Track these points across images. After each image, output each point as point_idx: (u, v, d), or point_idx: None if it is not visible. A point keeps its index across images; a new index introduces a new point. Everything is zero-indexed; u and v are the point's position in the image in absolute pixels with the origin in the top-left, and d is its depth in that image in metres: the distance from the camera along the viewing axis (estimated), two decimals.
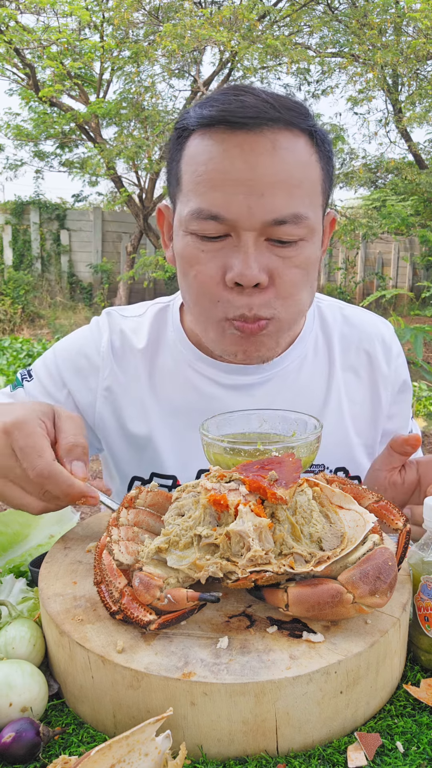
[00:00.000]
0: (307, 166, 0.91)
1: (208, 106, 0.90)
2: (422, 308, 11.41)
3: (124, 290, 10.90)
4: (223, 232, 0.90)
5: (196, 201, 0.90)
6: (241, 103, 0.87)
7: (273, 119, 0.87)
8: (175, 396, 1.12)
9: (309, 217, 0.91)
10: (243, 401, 1.10)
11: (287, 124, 0.88)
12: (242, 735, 0.62)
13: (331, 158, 0.99)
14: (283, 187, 0.88)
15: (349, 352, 1.16)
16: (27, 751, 0.63)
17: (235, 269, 0.89)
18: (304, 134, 0.91)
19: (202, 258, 0.92)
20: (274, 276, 0.92)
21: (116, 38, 9.34)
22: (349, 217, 10.03)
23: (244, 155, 0.86)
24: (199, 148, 0.90)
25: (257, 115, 0.86)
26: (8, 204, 11.24)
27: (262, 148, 0.87)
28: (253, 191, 0.87)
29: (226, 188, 0.87)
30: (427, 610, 0.74)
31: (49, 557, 0.85)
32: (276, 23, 9.11)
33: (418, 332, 4.54)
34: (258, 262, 0.89)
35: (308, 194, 0.91)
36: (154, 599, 0.67)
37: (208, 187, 0.88)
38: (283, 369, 1.12)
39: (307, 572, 0.69)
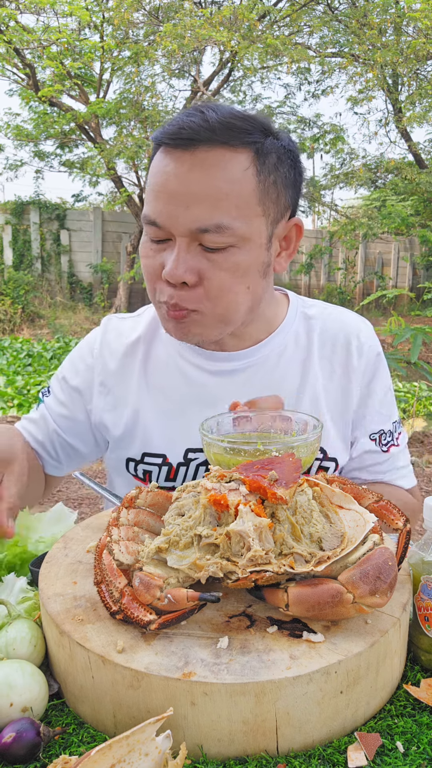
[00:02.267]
0: (237, 181, 1.00)
1: (167, 125, 1.03)
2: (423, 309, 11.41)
3: (124, 290, 10.90)
4: (163, 236, 1.03)
5: (145, 208, 1.05)
6: (181, 125, 1.00)
7: (206, 140, 0.99)
8: (165, 382, 1.23)
9: (234, 227, 1.00)
10: (226, 386, 1.20)
11: (222, 143, 0.99)
12: (242, 735, 0.62)
13: (294, 166, 1.08)
14: (207, 200, 0.99)
15: (326, 346, 1.24)
16: (27, 751, 0.63)
17: (166, 268, 1.02)
18: (245, 150, 1.01)
19: (150, 254, 1.07)
20: (202, 277, 1.03)
21: (116, 38, 9.34)
22: (350, 217, 10.03)
23: (177, 171, 1.00)
24: (155, 163, 1.05)
25: (190, 137, 0.99)
26: (8, 204, 11.24)
27: (192, 166, 0.99)
28: (180, 203, 0.99)
29: (162, 199, 1.01)
30: (427, 610, 0.74)
31: (49, 557, 0.85)
32: (276, 23, 9.11)
33: (418, 332, 4.53)
34: (185, 264, 1.01)
35: (236, 206, 1.00)
36: (155, 599, 0.67)
37: (152, 196, 1.03)
38: (264, 356, 1.21)
39: (307, 572, 0.69)
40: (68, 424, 1.29)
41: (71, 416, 1.28)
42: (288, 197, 1.08)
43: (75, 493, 4.02)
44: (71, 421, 1.29)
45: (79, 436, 1.30)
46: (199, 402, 1.19)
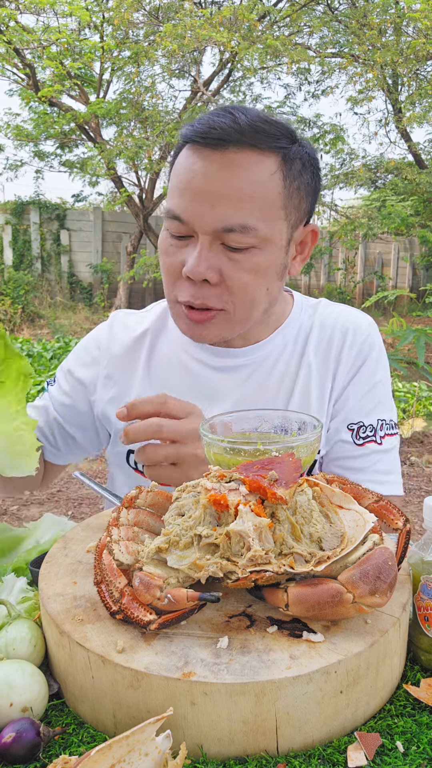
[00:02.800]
0: (264, 183, 1.02)
1: (196, 123, 1.04)
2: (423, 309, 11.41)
3: (124, 290, 10.90)
4: (185, 232, 1.04)
5: (169, 203, 1.06)
6: (212, 125, 1.01)
7: (236, 141, 1.00)
8: (168, 377, 1.24)
9: (258, 228, 1.02)
10: (228, 382, 1.21)
11: (251, 146, 1.01)
12: (242, 735, 0.62)
13: (302, 175, 1.08)
14: (233, 200, 1.00)
15: (323, 339, 1.24)
16: (27, 751, 0.63)
17: (188, 265, 1.03)
18: (273, 155, 1.03)
19: (170, 251, 1.07)
20: (224, 275, 1.04)
21: (116, 38, 9.34)
22: (349, 217, 10.03)
23: (205, 170, 1.01)
24: (181, 160, 1.06)
25: (220, 137, 1.00)
26: (8, 204, 11.24)
27: (220, 165, 1.00)
28: (206, 202, 1.00)
29: (187, 196, 1.02)
30: (427, 610, 0.74)
31: (49, 557, 0.85)
32: (276, 23, 9.11)
33: (420, 334, 4.53)
34: (207, 261, 1.02)
35: (260, 208, 1.02)
36: (154, 599, 0.67)
37: (177, 193, 1.04)
38: (267, 353, 1.22)
39: (307, 572, 0.69)
40: (70, 413, 1.30)
41: (73, 406, 1.30)
42: (308, 204, 1.11)
43: (75, 493, 4.02)
44: (73, 411, 1.30)
45: (80, 427, 1.31)
46: (201, 397, 1.20)
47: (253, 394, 1.20)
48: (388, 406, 1.25)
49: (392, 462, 1.24)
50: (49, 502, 3.86)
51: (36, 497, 3.93)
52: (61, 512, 3.67)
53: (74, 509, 3.76)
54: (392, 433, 1.25)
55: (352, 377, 1.22)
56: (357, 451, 1.22)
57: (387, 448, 1.23)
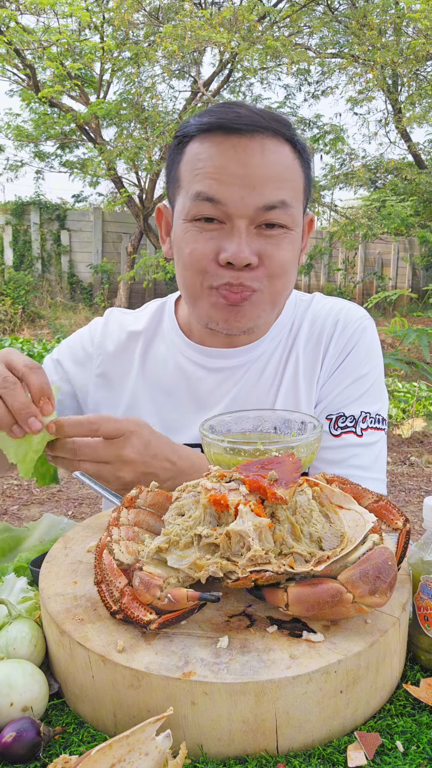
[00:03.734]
0: (290, 168, 1.07)
1: (207, 116, 1.05)
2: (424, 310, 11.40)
3: (125, 290, 10.90)
4: (217, 215, 1.03)
5: (196, 187, 1.04)
6: (237, 114, 1.03)
7: (263, 127, 1.03)
8: (164, 378, 1.24)
9: (293, 206, 1.06)
10: (222, 382, 1.21)
11: (274, 133, 1.04)
12: (242, 734, 0.62)
13: (309, 166, 1.14)
14: (272, 181, 1.03)
15: (314, 329, 1.23)
16: (28, 750, 0.63)
17: (229, 251, 1.02)
18: (288, 143, 1.07)
19: (200, 239, 1.05)
20: (263, 257, 1.05)
21: (116, 39, 9.35)
22: (349, 218, 10.03)
23: (238, 155, 1.02)
24: (198, 150, 1.05)
25: (251, 122, 1.02)
26: (9, 204, 11.24)
27: (253, 150, 1.02)
28: (245, 184, 1.01)
29: (223, 179, 1.02)
30: (426, 610, 0.75)
31: (49, 557, 0.85)
32: (276, 24, 9.11)
33: (422, 334, 4.54)
34: (249, 246, 1.03)
35: (292, 189, 1.07)
36: (155, 599, 0.67)
37: (207, 176, 1.03)
38: (259, 353, 1.22)
39: (307, 572, 0.69)
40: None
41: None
42: (309, 192, 1.15)
43: (75, 493, 4.02)
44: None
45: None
46: (195, 398, 1.21)
47: (246, 394, 1.20)
48: (376, 399, 1.20)
49: (373, 457, 1.18)
50: (49, 502, 3.86)
51: (36, 497, 3.93)
52: (61, 512, 3.68)
53: (74, 509, 3.76)
54: (377, 427, 1.19)
55: (338, 366, 1.19)
56: (333, 442, 1.16)
57: (368, 442, 1.17)
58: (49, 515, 1.13)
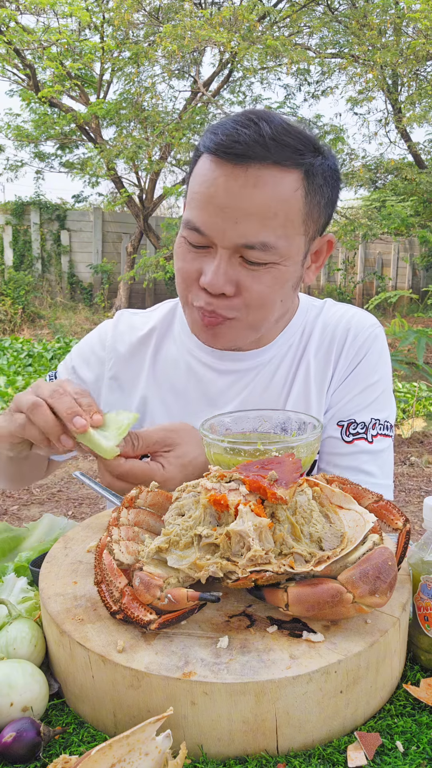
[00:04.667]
0: (287, 200, 1.01)
1: (216, 132, 1.02)
2: (425, 311, 11.40)
3: (125, 290, 10.90)
4: (205, 243, 1.04)
5: (188, 213, 1.05)
6: (238, 138, 0.98)
7: (260, 157, 0.98)
8: (175, 379, 1.24)
9: (278, 246, 1.02)
10: (232, 385, 1.21)
11: (275, 162, 0.99)
12: (242, 734, 0.62)
13: (334, 187, 1.09)
14: (257, 217, 0.99)
15: (325, 338, 1.23)
16: (28, 750, 0.63)
17: (206, 277, 1.03)
18: (297, 170, 1.02)
19: (188, 257, 1.07)
20: (241, 288, 1.04)
21: (116, 39, 9.35)
22: (349, 218, 10.03)
23: (228, 185, 0.99)
24: (201, 170, 1.04)
25: (244, 153, 0.98)
26: (9, 204, 11.24)
27: (244, 182, 0.99)
28: (229, 217, 0.99)
29: (209, 210, 1.01)
30: (426, 610, 0.75)
31: (49, 557, 0.85)
32: (276, 24, 9.12)
33: (422, 335, 4.53)
34: (226, 275, 1.02)
35: (282, 225, 1.01)
36: (155, 599, 0.67)
37: (197, 204, 1.03)
38: (270, 357, 1.22)
39: (307, 572, 0.69)
40: None
41: None
42: (326, 216, 1.10)
43: (75, 493, 4.02)
44: None
45: None
46: (206, 400, 1.20)
47: (257, 397, 1.20)
48: (386, 406, 1.23)
49: (382, 464, 1.22)
50: (49, 502, 3.86)
51: (36, 497, 3.93)
52: (61, 512, 3.68)
53: (74, 509, 3.76)
54: (386, 434, 1.22)
55: (350, 373, 1.21)
56: (345, 449, 1.19)
57: (378, 449, 1.20)
58: (49, 515, 1.13)
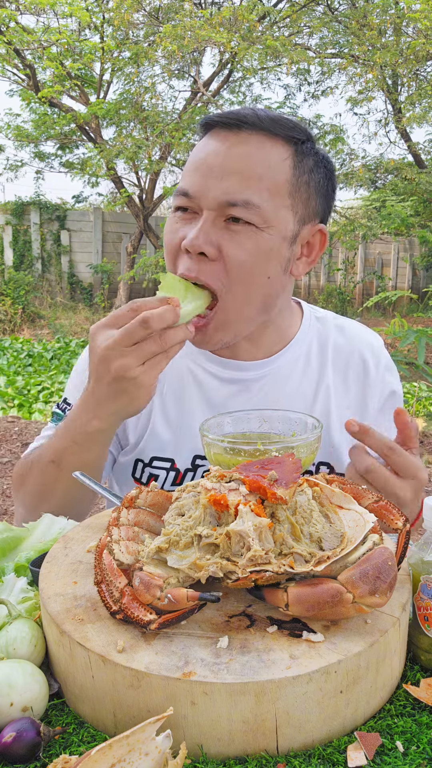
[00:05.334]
0: (273, 167, 1.04)
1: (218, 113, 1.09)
2: (425, 311, 11.40)
3: (125, 290, 10.91)
4: (191, 206, 1.05)
5: (180, 182, 1.09)
6: (233, 112, 1.06)
7: (252, 124, 1.04)
8: (176, 387, 1.22)
9: (261, 207, 1.02)
10: (237, 395, 1.19)
11: (266, 130, 1.04)
12: (242, 734, 0.62)
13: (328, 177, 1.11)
14: (241, 176, 1.02)
15: (339, 360, 1.24)
16: (28, 750, 0.63)
17: (187, 237, 1.03)
18: (286, 144, 1.06)
19: (174, 228, 1.08)
20: (222, 252, 1.03)
21: (116, 39, 9.35)
22: (349, 218, 10.03)
23: (218, 146, 1.04)
24: (199, 144, 1.10)
25: (238, 118, 1.04)
26: (9, 204, 11.24)
27: (233, 144, 1.04)
28: (214, 174, 1.02)
29: (199, 171, 1.04)
30: (426, 610, 0.75)
31: (49, 557, 0.85)
32: (276, 24, 9.12)
33: (421, 335, 4.53)
34: (206, 235, 1.02)
35: (267, 189, 1.03)
36: (155, 599, 0.67)
37: (188, 170, 1.07)
38: (277, 368, 1.21)
39: (307, 572, 0.69)
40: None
41: None
42: (318, 204, 1.11)
43: None
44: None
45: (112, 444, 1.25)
46: (209, 409, 1.18)
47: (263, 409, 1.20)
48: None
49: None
50: None
51: None
52: None
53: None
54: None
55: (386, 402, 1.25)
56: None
57: None
58: (49, 515, 1.13)
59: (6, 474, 4.12)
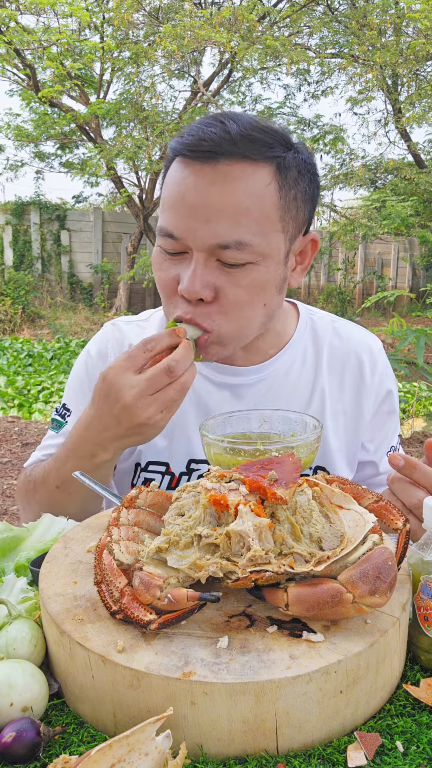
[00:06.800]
0: (259, 195, 0.97)
1: (185, 134, 1.00)
2: (423, 310, 11.41)
3: (125, 290, 10.91)
4: (180, 249, 1.00)
5: (161, 220, 1.02)
6: (204, 136, 0.96)
7: (228, 153, 0.96)
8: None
9: (254, 244, 0.98)
10: (232, 400, 1.18)
11: (244, 156, 0.96)
12: (242, 734, 0.62)
13: (312, 181, 1.05)
14: (228, 215, 0.96)
15: (335, 362, 1.23)
16: (28, 750, 0.63)
17: (183, 283, 0.99)
18: (267, 165, 0.98)
19: (164, 266, 1.04)
20: (219, 293, 1.00)
21: (116, 39, 9.35)
22: (349, 218, 10.03)
23: (197, 184, 0.96)
24: (171, 173, 1.02)
25: (211, 149, 0.96)
26: (9, 204, 11.25)
27: (213, 179, 0.96)
28: (200, 217, 0.96)
29: (180, 211, 0.98)
30: (426, 610, 0.75)
31: (49, 557, 0.85)
32: (276, 24, 9.12)
33: (420, 334, 4.53)
34: (202, 279, 0.98)
35: (257, 222, 0.98)
36: (155, 599, 0.67)
37: (168, 208, 1.00)
38: (271, 373, 1.20)
39: (307, 572, 0.69)
40: None
41: None
42: (306, 212, 1.07)
43: None
44: None
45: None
46: (203, 412, 1.18)
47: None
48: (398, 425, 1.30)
49: None
50: None
51: None
52: None
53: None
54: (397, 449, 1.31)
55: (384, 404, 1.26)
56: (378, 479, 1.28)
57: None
58: (49, 515, 1.13)
59: (6, 474, 4.12)
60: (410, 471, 0.91)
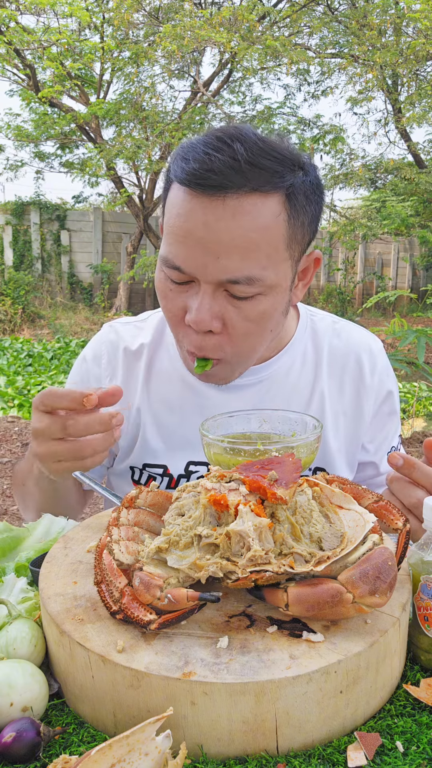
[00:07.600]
0: (269, 228, 0.95)
1: (188, 159, 0.94)
2: (424, 310, 11.41)
3: (125, 290, 10.91)
4: (186, 279, 0.98)
5: (165, 249, 0.99)
6: (212, 167, 0.91)
7: (237, 185, 0.91)
8: (170, 393, 1.21)
9: (263, 277, 0.96)
10: (231, 401, 1.18)
11: (254, 188, 0.92)
12: (242, 734, 0.62)
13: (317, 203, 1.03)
14: (239, 251, 0.93)
15: (335, 363, 1.23)
16: (28, 750, 0.63)
17: (191, 314, 0.98)
18: (277, 193, 0.94)
19: (170, 295, 1.01)
20: (227, 324, 0.99)
21: (116, 39, 9.35)
22: (349, 218, 10.03)
23: (206, 218, 0.92)
24: (174, 200, 0.97)
25: (220, 184, 0.91)
26: (9, 204, 11.25)
27: (222, 214, 0.92)
28: (209, 252, 0.93)
29: (188, 244, 0.95)
30: (426, 610, 0.75)
31: (49, 557, 0.85)
32: (276, 24, 9.12)
33: (421, 334, 4.53)
34: (211, 311, 0.97)
35: (266, 255, 0.96)
36: (155, 599, 0.67)
37: (174, 239, 0.96)
38: (271, 374, 1.20)
39: (307, 572, 0.69)
40: None
41: None
42: (310, 233, 1.05)
43: None
44: None
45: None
46: (202, 415, 1.18)
47: None
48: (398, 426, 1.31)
49: None
50: None
51: None
52: None
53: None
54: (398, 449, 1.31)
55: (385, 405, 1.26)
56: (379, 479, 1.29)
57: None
58: (49, 515, 1.13)
59: (6, 474, 4.12)
60: (409, 470, 0.90)
